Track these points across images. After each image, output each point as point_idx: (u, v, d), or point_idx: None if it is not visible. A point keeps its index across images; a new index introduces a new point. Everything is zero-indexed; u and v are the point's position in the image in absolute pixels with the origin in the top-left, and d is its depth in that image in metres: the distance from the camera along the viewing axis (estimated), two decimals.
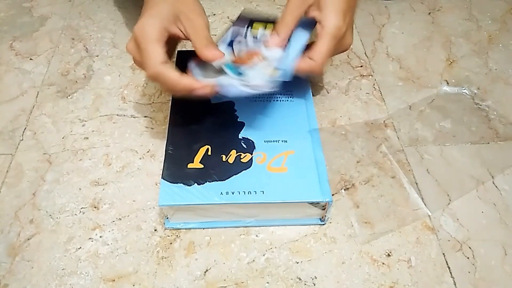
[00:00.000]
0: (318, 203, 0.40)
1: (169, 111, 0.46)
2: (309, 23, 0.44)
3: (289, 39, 0.44)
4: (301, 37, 0.44)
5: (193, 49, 0.41)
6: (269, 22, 0.47)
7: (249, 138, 0.44)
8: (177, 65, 0.49)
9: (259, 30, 0.46)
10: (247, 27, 0.47)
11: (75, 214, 0.43)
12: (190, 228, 0.42)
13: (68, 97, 0.53)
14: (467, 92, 0.55)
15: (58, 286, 0.39)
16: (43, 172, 0.46)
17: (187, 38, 0.41)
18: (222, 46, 0.44)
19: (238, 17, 0.48)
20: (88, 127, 0.50)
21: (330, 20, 0.41)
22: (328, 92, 0.55)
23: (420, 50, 0.61)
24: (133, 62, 0.42)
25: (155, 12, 0.40)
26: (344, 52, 0.46)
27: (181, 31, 0.41)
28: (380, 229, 0.43)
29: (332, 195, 0.44)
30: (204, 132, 0.44)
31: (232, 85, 0.40)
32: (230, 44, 0.45)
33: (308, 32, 0.45)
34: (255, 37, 0.45)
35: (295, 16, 0.43)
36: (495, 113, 0.52)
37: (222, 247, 0.41)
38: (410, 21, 0.65)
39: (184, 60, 0.41)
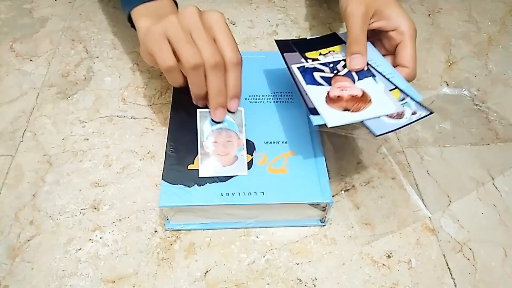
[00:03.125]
0: (318, 204, 0.40)
1: (169, 112, 0.46)
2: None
3: None
4: (375, 52, 0.45)
5: None
6: (324, 47, 0.46)
7: (249, 139, 0.44)
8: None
9: (318, 56, 0.45)
10: (303, 59, 0.45)
11: (75, 215, 0.43)
12: (190, 229, 0.42)
13: (68, 98, 0.53)
14: (467, 93, 0.55)
15: (58, 287, 0.38)
16: (43, 173, 0.46)
17: None
18: (310, 88, 0.41)
19: (280, 49, 0.45)
20: (88, 128, 0.50)
21: (405, 24, 0.43)
22: None
23: (420, 51, 0.60)
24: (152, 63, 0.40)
25: None
26: None
27: None
28: (380, 231, 0.43)
29: (332, 196, 0.44)
30: None
31: (376, 120, 0.39)
32: (310, 81, 0.42)
33: (373, 44, 0.46)
34: (326, 64, 0.44)
35: (366, 33, 0.43)
36: (495, 114, 0.53)
37: (222, 248, 0.41)
38: None
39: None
